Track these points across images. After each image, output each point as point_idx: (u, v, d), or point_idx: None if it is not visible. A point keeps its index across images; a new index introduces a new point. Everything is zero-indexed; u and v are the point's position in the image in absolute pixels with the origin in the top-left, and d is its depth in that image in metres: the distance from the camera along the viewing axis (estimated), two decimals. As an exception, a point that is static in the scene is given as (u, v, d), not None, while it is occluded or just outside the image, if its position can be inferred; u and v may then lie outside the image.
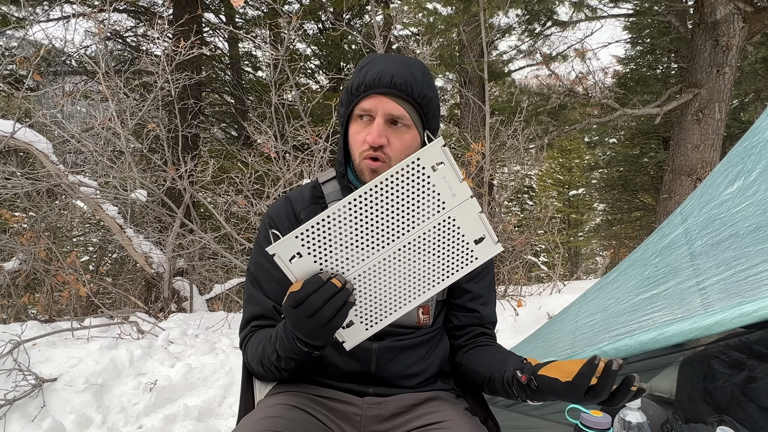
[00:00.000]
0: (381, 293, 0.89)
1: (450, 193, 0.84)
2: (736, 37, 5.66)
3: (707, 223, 1.50)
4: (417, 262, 0.87)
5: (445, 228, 0.86)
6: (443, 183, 0.83)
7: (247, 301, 1.11)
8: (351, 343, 0.91)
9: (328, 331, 0.83)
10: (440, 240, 0.87)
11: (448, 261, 0.89)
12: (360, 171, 1.04)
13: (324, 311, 0.81)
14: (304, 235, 0.82)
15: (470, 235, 0.88)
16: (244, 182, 4.53)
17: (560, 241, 7.34)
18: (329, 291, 0.81)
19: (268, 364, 1.00)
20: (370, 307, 0.89)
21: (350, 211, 0.82)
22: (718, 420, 1.40)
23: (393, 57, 1.05)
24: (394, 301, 0.90)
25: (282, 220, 1.10)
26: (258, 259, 1.10)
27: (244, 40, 8.79)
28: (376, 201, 0.82)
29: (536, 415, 1.71)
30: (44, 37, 6.36)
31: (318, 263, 0.84)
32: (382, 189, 0.81)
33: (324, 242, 0.82)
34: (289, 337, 0.90)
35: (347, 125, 1.06)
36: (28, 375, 2.40)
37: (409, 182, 0.82)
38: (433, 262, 0.88)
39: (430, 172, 0.82)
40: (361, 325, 0.91)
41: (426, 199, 0.83)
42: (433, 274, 0.89)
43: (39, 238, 4.45)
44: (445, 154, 0.82)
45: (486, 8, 5.51)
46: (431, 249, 0.87)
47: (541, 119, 7.17)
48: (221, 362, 2.87)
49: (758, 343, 1.44)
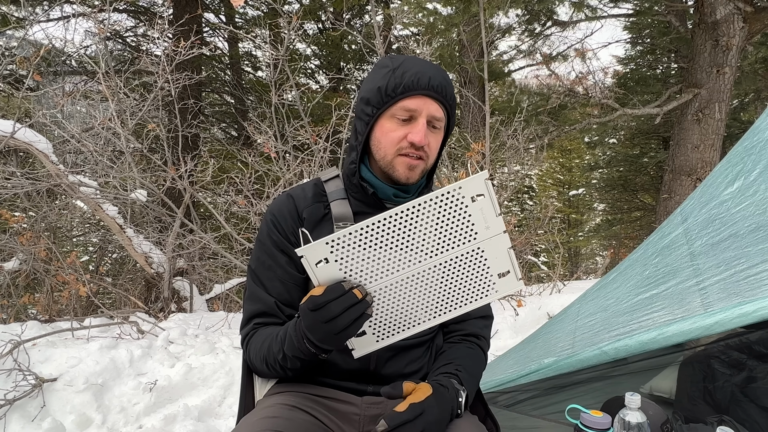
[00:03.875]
0: (398, 310, 0.90)
1: (484, 224, 0.85)
2: (736, 37, 5.66)
3: (707, 223, 1.50)
4: (439, 285, 0.89)
5: (473, 257, 0.88)
6: (480, 214, 0.84)
7: (248, 298, 1.11)
8: (360, 352, 0.92)
9: (340, 338, 0.85)
10: (465, 268, 0.88)
11: (469, 289, 0.90)
12: (393, 167, 1.04)
13: (340, 319, 0.82)
14: (334, 242, 0.82)
15: (495, 268, 0.89)
16: (244, 182, 4.53)
17: (560, 241, 7.35)
18: (349, 301, 0.82)
19: (272, 363, 1.00)
20: (384, 321, 0.91)
21: (384, 227, 0.82)
22: (718, 420, 1.40)
23: (420, 59, 1.06)
24: (409, 319, 0.91)
25: (285, 218, 1.10)
26: (260, 257, 1.10)
27: (244, 40, 8.80)
28: (412, 221, 0.83)
29: (536, 415, 1.71)
30: (44, 37, 6.38)
31: (343, 271, 0.85)
32: (420, 210, 0.82)
33: (352, 252, 0.83)
34: (299, 338, 0.91)
35: (373, 123, 1.06)
36: (28, 375, 2.40)
37: (447, 208, 0.83)
38: (454, 288, 0.90)
39: (469, 201, 0.83)
40: (373, 337, 0.92)
41: (460, 226, 0.85)
42: (451, 299, 0.91)
43: (39, 238, 4.45)
44: (487, 188, 0.83)
45: (486, 8, 5.52)
46: (455, 275, 0.88)
47: (541, 119, 7.18)
48: (221, 362, 2.87)
49: (758, 343, 1.44)
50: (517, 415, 1.73)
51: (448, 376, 1.02)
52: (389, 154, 1.04)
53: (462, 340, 1.17)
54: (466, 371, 1.06)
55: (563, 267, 9.39)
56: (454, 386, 0.99)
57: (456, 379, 1.02)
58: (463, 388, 1.01)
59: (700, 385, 1.53)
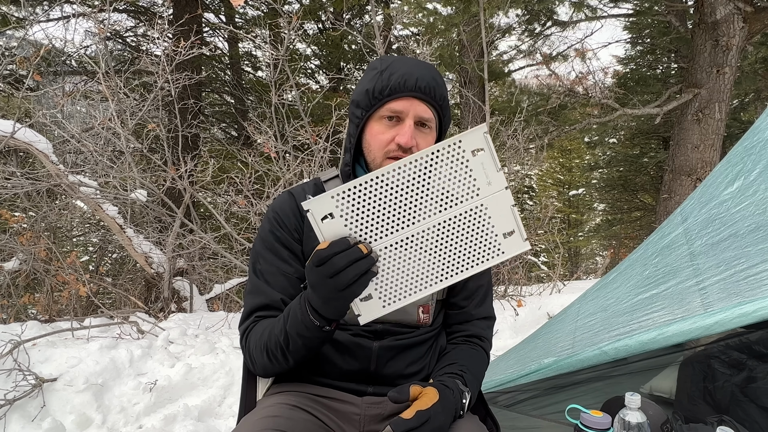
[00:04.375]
0: (404, 271, 0.88)
1: (486, 180, 0.84)
2: (736, 37, 5.66)
3: (707, 222, 1.51)
4: (444, 245, 0.87)
5: (476, 215, 0.86)
6: (481, 169, 0.83)
7: (249, 293, 1.09)
8: (366, 317, 0.90)
9: (346, 296, 0.83)
10: (469, 226, 0.86)
11: (475, 250, 0.88)
12: None
13: (346, 274, 0.81)
14: (339, 196, 0.81)
15: (500, 227, 0.87)
16: (244, 182, 4.53)
17: (560, 241, 7.35)
18: (354, 254, 0.81)
19: (273, 348, 0.98)
20: (390, 283, 0.88)
21: (387, 181, 0.82)
22: (718, 420, 1.40)
23: (410, 59, 1.06)
24: (416, 281, 0.89)
25: (287, 215, 1.10)
26: (263, 252, 1.10)
27: (244, 40, 8.80)
28: (414, 175, 0.82)
29: (536, 415, 1.71)
30: (44, 37, 6.37)
31: (348, 228, 0.83)
32: (421, 164, 0.81)
33: (357, 208, 0.82)
34: (304, 311, 0.89)
35: (363, 126, 1.06)
36: (28, 375, 2.40)
37: (448, 162, 0.82)
38: (460, 248, 0.87)
39: (469, 156, 0.82)
40: (379, 301, 0.89)
41: (462, 182, 0.83)
42: (457, 260, 0.88)
43: (39, 238, 4.45)
44: (486, 141, 0.82)
45: (486, 8, 5.51)
46: (459, 234, 0.87)
47: (541, 119, 7.17)
48: (221, 362, 2.87)
49: (758, 343, 1.44)
50: (517, 415, 1.73)
51: (452, 376, 1.02)
52: (378, 156, 1.04)
53: (465, 341, 1.17)
54: (470, 372, 1.06)
55: (563, 267, 9.39)
56: (458, 387, 0.98)
57: (460, 380, 1.02)
58: (467, 389, 1.01)
59: (700, 385, 1.53)
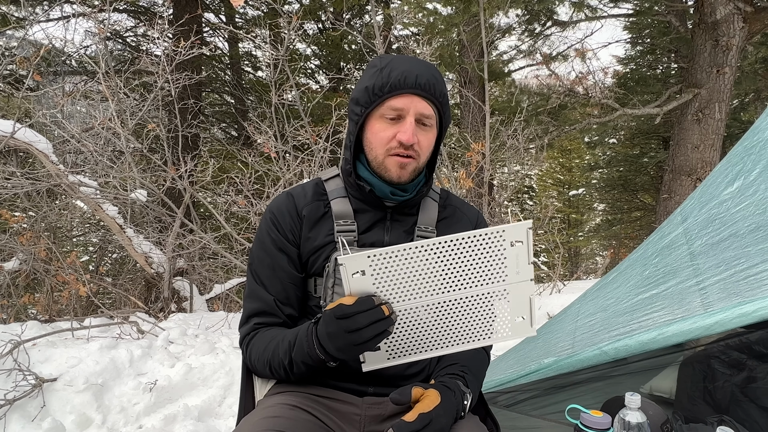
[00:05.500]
0: (415, 333, 0.92)
1: (516, 269, 0.88)
2: (736, 37, 5.66)
3: (707, 222, 1.50)
4: (459, 317, 0.91)
5: (497, 298, 0.90)
6: (514, 259, 0.87)
7: (248, 296, 1.11)
8: (369, 366, 0.93)
9: (358, 350, 0.87)
10: (488, 306, 0.91)
11: (486, 327, 0.93)
12: (384, 167, 1.05)
13: (365, 332, 0.83)
14: (375, 257, 0.84)
15: (515, 312, 0.92)
16: (244, 182, 4.54)
17: (560, 241, 7.35)
18: (376, 315, 0.84)
19: (277, 367, 1.01)
20: (400, 341, 0.93)
21: (424, 252, 0.85)
22: (718, 420, 1.40)
23: (409, 57, 1.06)
24: (424, 344, 0.94)
25: (284, 216, 1.10)
26: (260, 255, 1.10)
27: (244, 40, 8.80)
28: (452, 251, 0.86)
29: (536, 415, 1.71)
30: (44, 37, 6.37)
31: (375, 286, 0.86)
32: (461, 243, 0.85)
33: (390, 271, 0.86)
34: (311, 344, 0.92)
35: (363, 123, 1.06)
36: (28, 375, 2.40)
37: (487, 247, 0.86)
38: (473, 322, 0.92)
39: (508, 245, 0.86)
40: (385, 354, 0.94)
41: (494, 266, 0.88)
42: (467, 332, 0.93)
43: (39, 238, 4.45)
44: (527, 236, 0.86)
45: (486, 8, 5.51)
46: (476, 311, 0.91)
47: (541, 119, 7.17)
48: (221, 362, 2.87)
49: (758, 343, 1.44)
50: (517, 415, 1.73)
51: (453, 377, 1.03)
52: (380, 154, 1.04)
53: None
54: (471, 373, 1.06)
55: (563, 267, 9.39)
56: (459, 389, 0.99)
57: (461, 381, 1.02)
58: (468, 390, 1.01)
59: (700, 385, 1.53)
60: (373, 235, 1.09)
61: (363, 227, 1.09)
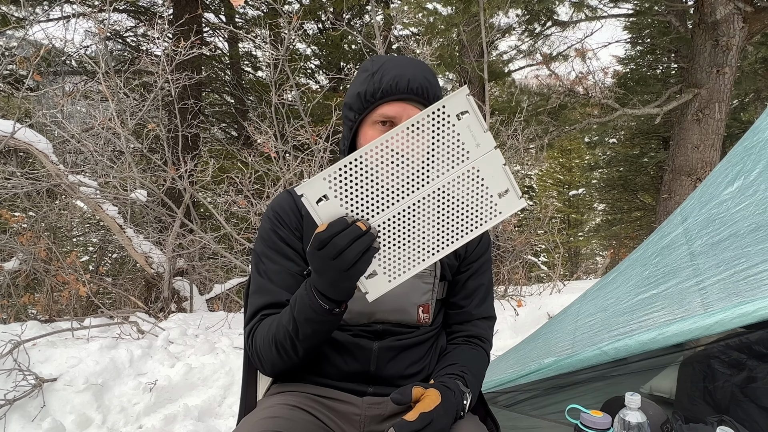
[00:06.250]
0: (405, 243, 0.87)
1: (474, 142, 0.84)
2: (736, 37, 5.66)
3: (707, 222, 1.51)
4: (441, 212, 0.87)
5: (469, 179, 0.86)
6: (468, 132, 0.83)
7: (254, 293, 1.08)
8: (373, 294, 0.89)
9: (351, 275, 0.83)
10: (464, 191, 0.86)
11: (472, 214, 0.88)
12: None
13: (348, 253, 0.80)
14: (331, 176, 0.81)
15: (494, 188, 0.87)
16: (244, 182, 4.53)
17: (560, 241, 7.35)
18: (354, 233, 0.81)
19: (282, 339, 0.97)
20: (393, 257, 0.88)
21: (376, 156, 0.81)
22: (718, 420, 1.40)
23: (401, 59, 1.05)
24: (418, 252, 0.88)
25: (287, 213, 1.10)
26: (265, 252, 1.09)
27: (244, 40, 8.80)
28: (402, 146, 0.82)
29: (536, 415, 1.71)
30: (44, 37, 6.37)
31: (344, 207, 0.83)
32: (407, 134, 0.81)
33: (350, 186, 0.82)
34: (311, 294, 0.89)
35: (357, 129, 1.06)
36: (28, 375, 2.40)
37: (434, 129, 0.82)
38: (457, 213, 0.87)
39: (455, 120, 0.82)
40: (384, 276, 0.89)
41: (450, 147, 0.83)
42: (456, 226, 0.88)
43: (39, 238, 4.45)
44: (469, 103, 0.81)
45: (486, 8, 5.51)
46: (455, 200, 0.86)
47: (541, 119, 7.17)
48: (221, 362, 2.87)
49: (758, 343, 1.44)
50: (517, 415, 1.73)
51: (453, 377, 1.02)
52: None
53: (466, 341, 1.17)
54: (471, 373, 1.06)
55: (563, 267, 9.38)
56: (459, 388, 0.98)
57: (461, 380, 1.02)
58: (468, 390, 1.00)
59: (700, 385, 1.53)
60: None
61: None
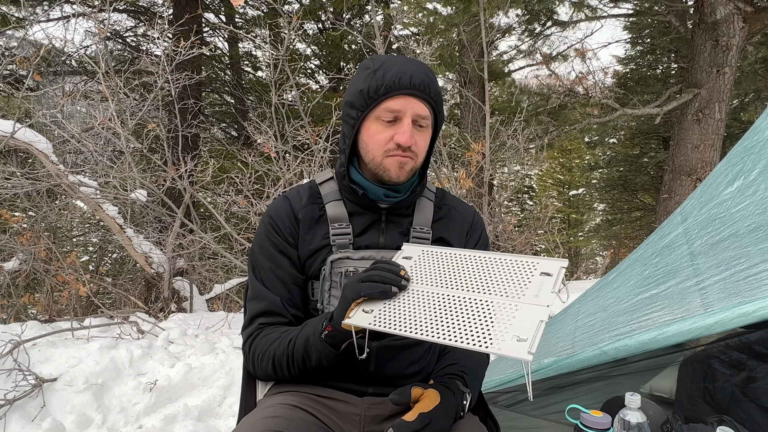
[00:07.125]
0: (412, 311, 0.90)
1: (535, 293, 0.89)
2: (736, 37, 5.66)
3: (707, 222, 1.50)
4: (460, 315, 0.89)
5: (505, 310, 0.88)
6: (538, 285, 0.90)
7: (252, 298, 1.10)
8: (352, 321, 0.90)
9: (359, 289, 0.91)
10: (493, 314, 0.87)
11: (482, 333, 0.87)
12: (383, 168, 1.05)
13: (373, 273, 0.92)
14: (425, 252, 1.01)
15: (517, 330, 0.85)
16: (244, 182, 4.53)
17: (560, 241, 7.35)
18: (393, 269, 0.93)
19: (279, 358, 1.03)
20: (393, 312, 0.91)
21: (462, 258, 0.98)
22: (718, 420, 1.40)
23: (401, 58, 1.06)
24: (413, 324, 0.89)
25: (282, 220, 1.11)
26: (260, 260, 1.11)
27: (244, 40, 8.81)
28: (488, 265, 0.96)
29: (536, 415, 1.71)
30: (44, 37, 6.37)
31: (411, 270, 0.99)
32: (498, 261, 0.95)
33: (427, 263, 1.00)
34: (317, 337, 0.96)
35: (359, 126, 1.06)
36: (28, 375, 2.40)
37: (517, 269, 0.93)
38: (472, 324, 0.87)
39: (537, 274, 0.91)
40: (370, 316, 0.90)
41: (516, 285, 0.91)
42: (461, 331, 0.88)
43: (39, 238, 4.45)
44: (559, 274, 0.91)
45: (486, 8, 5.51)
46: (481, 315, 0.88)
47: (541, 119, 7.17)
48: (221, 362, 2.87)
49: (758, 343, 1.44)
50: (517, 415, 1.73)
51: (452, 377, 1.02)
52: (378, 156, 1.04)
53: None
54: (470, 373, 1.06)
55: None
56: (459, 388, 0.99)
57: (461, 380, 1.02)
58: (468, 390, 1.01)
59: (700, 385, 1.53)
60: (368, 238, 1.10)
61: (358, 230, 1.10)
